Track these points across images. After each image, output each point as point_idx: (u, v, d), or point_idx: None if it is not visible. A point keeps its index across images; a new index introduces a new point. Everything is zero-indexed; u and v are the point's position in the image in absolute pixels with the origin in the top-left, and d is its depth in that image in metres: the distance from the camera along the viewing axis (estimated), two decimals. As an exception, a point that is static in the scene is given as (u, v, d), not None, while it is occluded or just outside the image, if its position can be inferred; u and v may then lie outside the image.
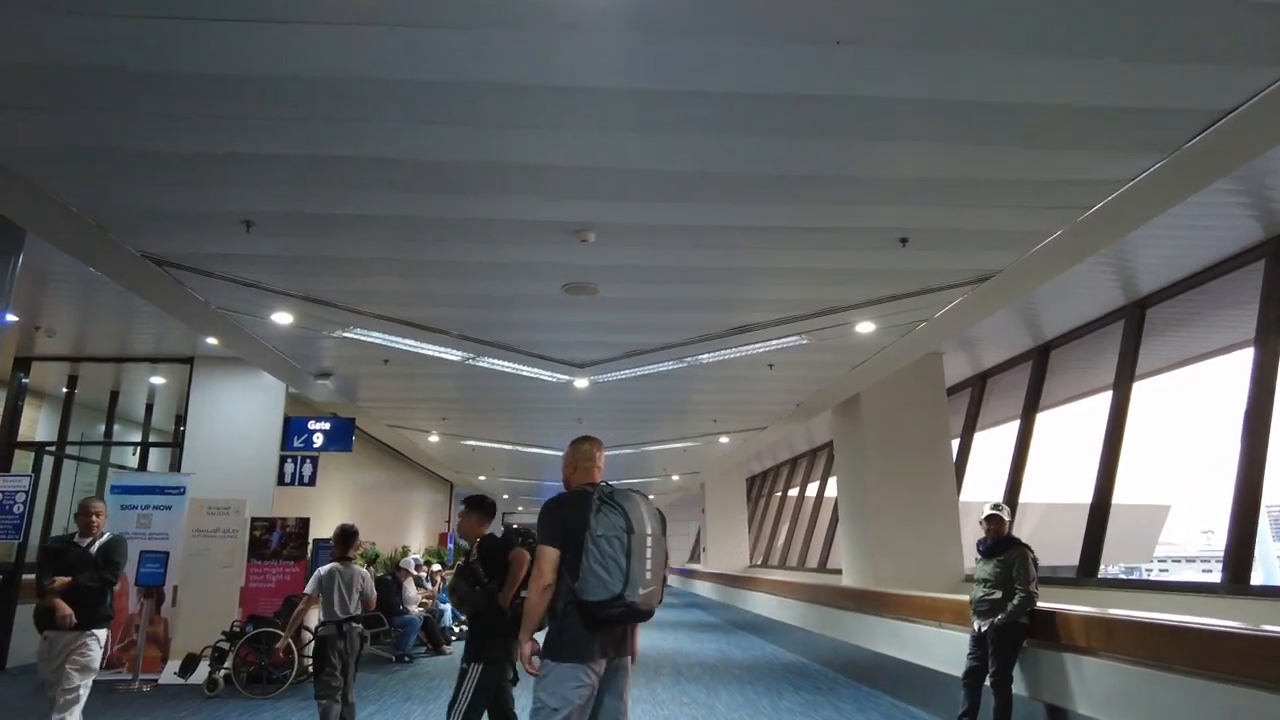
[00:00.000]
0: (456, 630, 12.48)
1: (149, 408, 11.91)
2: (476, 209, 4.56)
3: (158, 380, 10.66)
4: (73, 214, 4.55)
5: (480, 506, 4.55)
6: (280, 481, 9.56)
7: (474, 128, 3.70)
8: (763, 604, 12.25)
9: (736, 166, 4.09)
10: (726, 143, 3.85)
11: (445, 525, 21.40)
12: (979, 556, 5.43)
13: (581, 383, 8.61)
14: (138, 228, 4.86)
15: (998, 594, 5.13)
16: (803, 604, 10.13)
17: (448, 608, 11.93)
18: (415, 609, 10.37)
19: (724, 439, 12.89)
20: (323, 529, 11.20)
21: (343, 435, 9.80)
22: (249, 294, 5.92)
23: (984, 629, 5.14)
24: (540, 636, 2.98)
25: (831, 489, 18.62)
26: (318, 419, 9.81)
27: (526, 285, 5.87)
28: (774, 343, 7.09)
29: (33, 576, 5.36)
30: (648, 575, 2.88)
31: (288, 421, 9.69)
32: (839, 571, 15.38)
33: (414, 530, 17.80)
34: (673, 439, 13.04)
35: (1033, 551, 5.22)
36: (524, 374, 8.19)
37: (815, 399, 10.15)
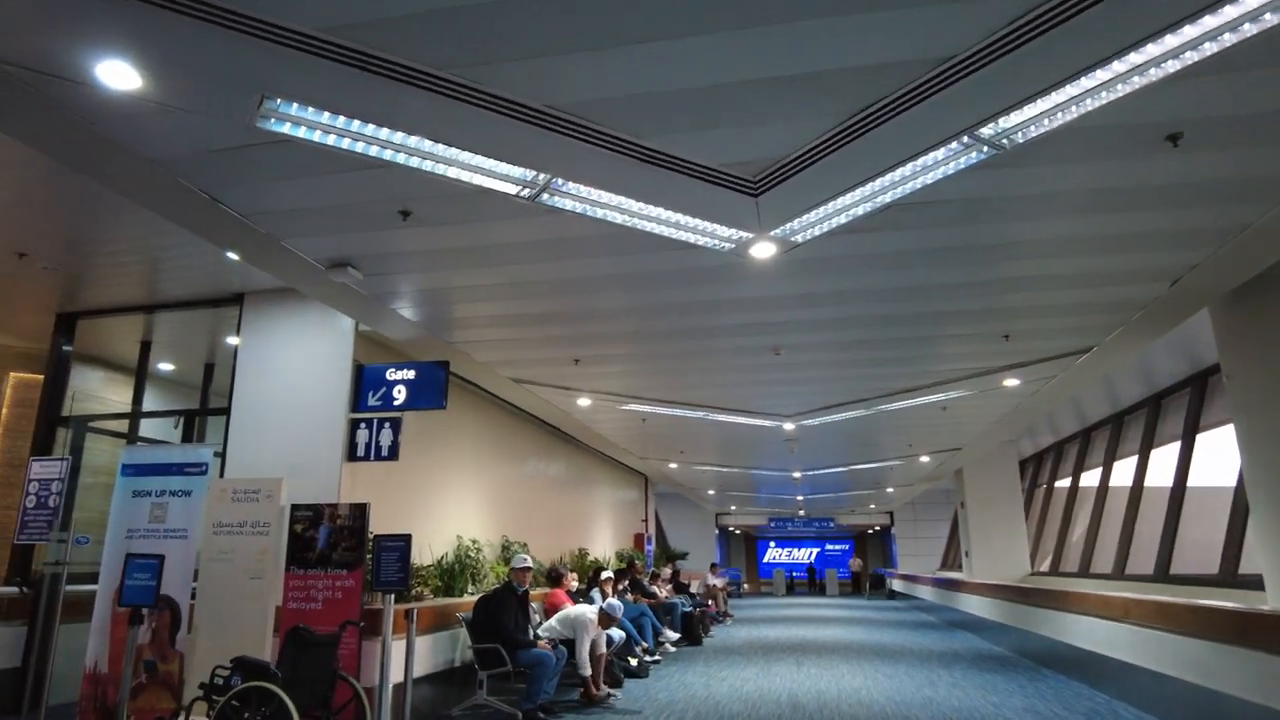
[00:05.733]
0: (637, 660, 9.09)
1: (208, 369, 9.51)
2: None
3: (233, 340, 8.35)
4: None
5: None
6: (351, 456, 6.69)
7: None
8: (1108, 637, 7.60)
9: None
10: None
11: (641, 525, 18.28)
12: None
13: (765, 248, 4.76)
14: None
15: None
16: (1252, 653, 5.40)
17: (618, 632, 8.53)
18: (549, 636, 7.08)
19: (1011, 380, 8.33)
20: (440, 528, 8.35)
21: (432, 387, 6.76)
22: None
23: None
24: None
25: (1157, 473, 13.14)
26: (398, 366, 6.86)
27: None
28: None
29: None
30: None
31: (360, 371, 6.84)
32: (1182, 581, 10.29)
33: (599, 531, 14.79)
34: (928, 384, 8.68)
35: None
36: (663, 232, 4.49)
37: (1212, 264, 5.40)
